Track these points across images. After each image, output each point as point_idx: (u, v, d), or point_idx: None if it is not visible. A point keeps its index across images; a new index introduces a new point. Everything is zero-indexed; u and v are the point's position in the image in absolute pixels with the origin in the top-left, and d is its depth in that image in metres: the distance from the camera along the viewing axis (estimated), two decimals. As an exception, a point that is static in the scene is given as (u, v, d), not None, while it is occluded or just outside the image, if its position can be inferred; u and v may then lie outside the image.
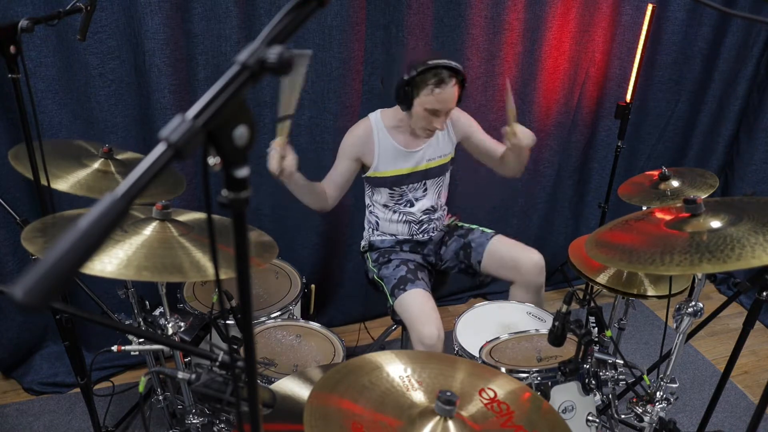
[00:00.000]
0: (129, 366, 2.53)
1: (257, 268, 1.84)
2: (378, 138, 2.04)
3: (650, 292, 2.01)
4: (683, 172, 2.11)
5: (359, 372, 1.17)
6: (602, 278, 2.05)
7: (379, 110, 2.09)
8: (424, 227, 2.20)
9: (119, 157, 1.83)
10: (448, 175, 2.21)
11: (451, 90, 1.86)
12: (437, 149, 2.12)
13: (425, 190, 2.15)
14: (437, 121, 1.91)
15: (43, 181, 1.47)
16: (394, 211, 2.15)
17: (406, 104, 1.90)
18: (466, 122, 2.16)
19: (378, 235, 2.24)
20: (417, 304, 1.98)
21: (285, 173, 1.73)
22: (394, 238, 2.22)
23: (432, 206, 2.18)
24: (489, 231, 2.23)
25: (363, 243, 2.31)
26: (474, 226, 2.28)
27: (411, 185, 2.12)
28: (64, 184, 1.59)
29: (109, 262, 1.20)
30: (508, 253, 2.11)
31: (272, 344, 1.86)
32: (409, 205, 2.14)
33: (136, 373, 2.51)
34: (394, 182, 2.10)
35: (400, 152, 2.06)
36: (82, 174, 1.66)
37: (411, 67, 1.83)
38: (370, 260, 2.22)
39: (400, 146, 2.05)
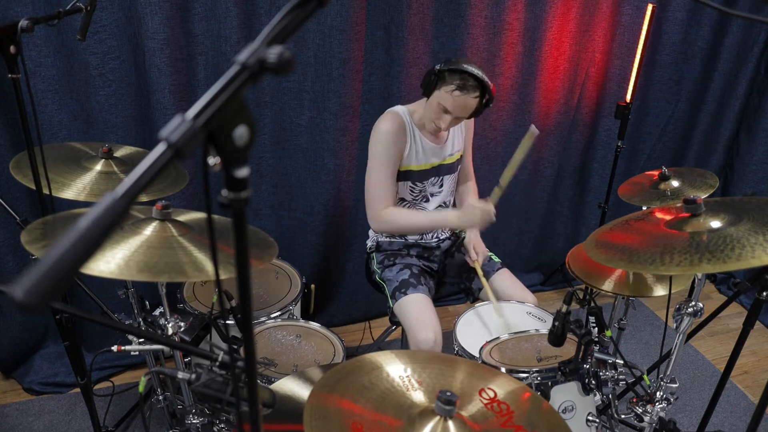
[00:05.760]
0: (129, 366, 2.53)
1: (257, 267, 1.84)
2: (412, 131, 2.02)
3: (658, 291, 1.99)
4: (683, 172, 2.11)
5: (359, 372, 1.17)
6: (607, 285, 2.02)
7: (402, 106, 2.06)
8: None
9: (119, 154, 1.83)
10: (459, 170, 2.23)
11: (471, 100, 1.87)
12: (455, 145, 2.14)
13: (441, 185, 2.16)
14: (444, 120, 1.92)
15: (46, 191, 1.47)
16: (409, 207, 2.14)
17: (427, 92, 1.93)
18: (470, 135, 2.24)
19: (386, 236, 2.22)
20: (415, 309, 1.98)
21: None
22: (403, 240, 2.21)
23: (444, 203, 2.19)
24: (497, 260, 2.22)
25: (369, 243, 2.28)
26: None
27: (431, 179, 2.12)
28: (69, 192, 1.59)
29: (108, 263, 1.19)
30: (507, 291, 2.10)
31: (272, 344, 1.86)
32: (425, 200, 2.14)
33: (136, 373, 2.51)
34: (419, 177, 2.09)
35: (429, 147, 2.06)
36: (86, 179, 1.66)
37: (446, 62, 1.86)
38: (375, 261, 2.22)
39: (428, 141, 2.05)
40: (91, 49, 2.04)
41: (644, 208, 1.88)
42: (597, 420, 1.66)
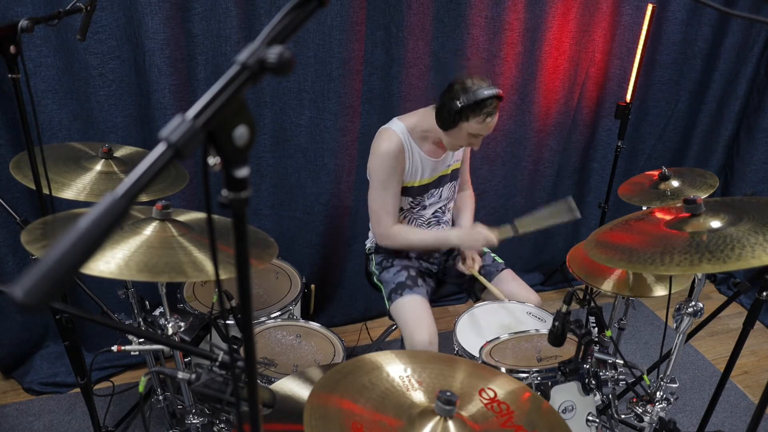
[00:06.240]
0: (129, 366, 2.53)
1: (257, 267, 1.84)
2: (410, 150, 1.99)
3: (658, 292, 1.98)
4: (683, 172, 2.11)
5: (359, 372, 1.17)
6: (607, 285, 2.01)
7: (397, 120, 2.01)
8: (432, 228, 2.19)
9: (119, 154, 1.83)
10: (459, 179, 2.22)
11: (497, 116, 1.88)
12: (455, 154, 2.14)
13: (441, 195, 2.16)
14: (477, 142, 1.94)
15: (46, 190, 1.47)
16: (404, 217, 2.13)
17: (451, 126, 1.88)
18: None
19: None
20: (411, 310, 1.98)
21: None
22: None
23: (440, 209, 2.19)
24: (500, 261, 2.22)
25: (368, 244, 2.28)
26: (486, 249, 2.26)
27: (431, 191, 2.11)
28: (69, 191, 1.59)
29: (108, 263, 1.19)
30: (510, 291, 2.09)
31: (272, 344, 1.86)
32: (422, 209, 2.14)
33: (136, 373, 2.51)
34: (419, 191, 2.08)
35: (429, 162, 2.04)
36: (86, 179, 1.66)
37: (465, 94, 1.81)
38: (374, 262, 2.21)
39: (428, 156, 2.03)
40: (91, 49, 2.04)
41: (644, 208, 1.88)
42: (597, 420, 1.66)
